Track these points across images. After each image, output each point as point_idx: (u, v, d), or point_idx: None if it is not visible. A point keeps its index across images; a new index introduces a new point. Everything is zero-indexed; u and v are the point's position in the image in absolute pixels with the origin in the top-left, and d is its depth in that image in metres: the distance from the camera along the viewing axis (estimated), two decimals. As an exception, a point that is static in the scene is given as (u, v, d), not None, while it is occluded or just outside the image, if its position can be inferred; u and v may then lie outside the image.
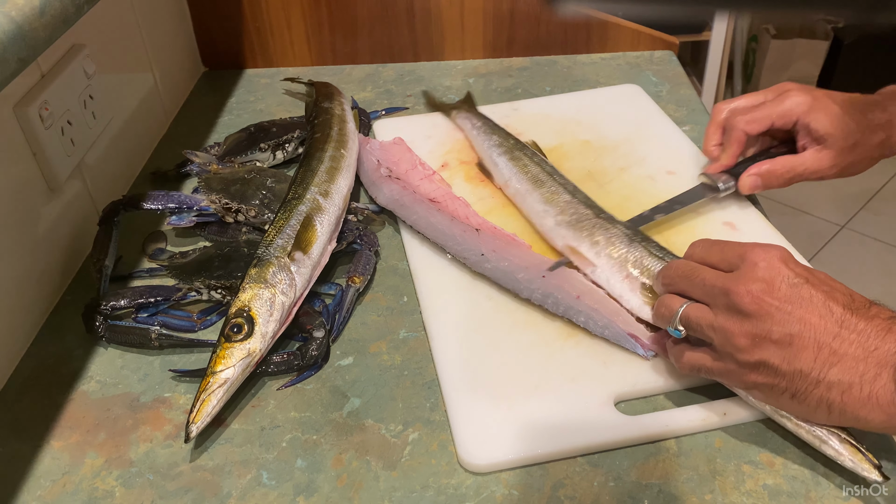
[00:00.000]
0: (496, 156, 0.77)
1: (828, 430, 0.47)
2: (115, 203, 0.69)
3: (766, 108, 0.69)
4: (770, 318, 0.46)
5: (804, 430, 0.48)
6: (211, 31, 1.03)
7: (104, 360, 0.60)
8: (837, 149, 0.66)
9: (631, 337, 0.56)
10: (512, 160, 0.75)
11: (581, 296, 0.59)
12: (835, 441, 0.47)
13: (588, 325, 0.58)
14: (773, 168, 0.69)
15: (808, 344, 0.45)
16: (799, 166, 0.68)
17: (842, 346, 0.45)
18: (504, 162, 0.76)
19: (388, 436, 0.53)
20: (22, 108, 0.62)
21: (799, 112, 0.67)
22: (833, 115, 0.66)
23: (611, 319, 0.57)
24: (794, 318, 0.46)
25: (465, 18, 1.02)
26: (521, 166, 0.74)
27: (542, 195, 0.70)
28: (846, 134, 0.66)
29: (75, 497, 0.50)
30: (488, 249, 0.64)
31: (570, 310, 0.59)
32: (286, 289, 0.58)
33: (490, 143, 0.79)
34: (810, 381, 0.45)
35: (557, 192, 0.70)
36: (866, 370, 0.44)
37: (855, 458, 0.46)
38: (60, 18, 0.54)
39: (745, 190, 0.70)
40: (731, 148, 0.70)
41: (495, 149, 0.78)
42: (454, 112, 0.89)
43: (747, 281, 0.47)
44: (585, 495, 0.48)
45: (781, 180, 0.69)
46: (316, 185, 0.68)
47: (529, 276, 0.61)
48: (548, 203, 0.69)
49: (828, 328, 0.45)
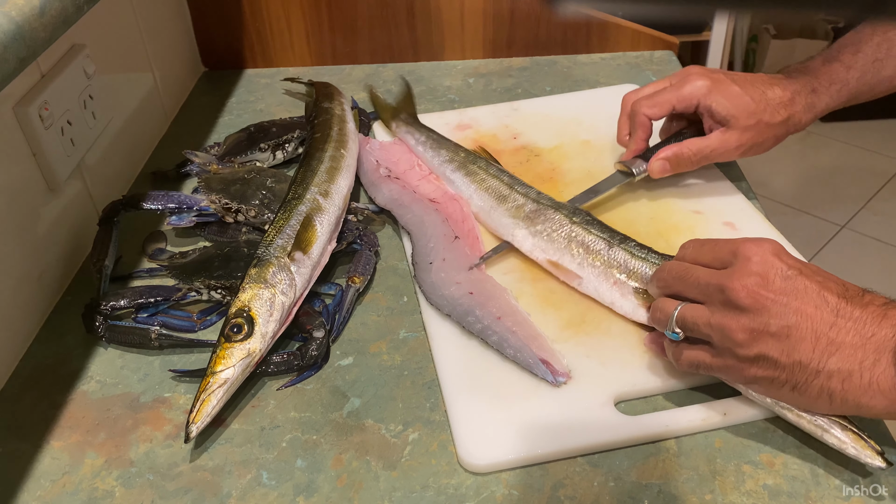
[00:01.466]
0: (449, 172, 0.74)
1: (829, 419, 0.47)
2: (115, 203, 0.69)
3: (667, 93, 0.71)
4: (766, 311, 0.46)
5: (805, 421, 0.48)
6: (211, 31, 1.03)
7: (104, 360, 0.60)
8: (740, 128, 0.68)
9: (543, 363, 0.54)
10: (467, 175, 0.73)
11: (502, 317, 0.58)
12: (837, 430, 0.47)
13: (500, 348, 0.56)
14: (680, 151, 0.70)
15: (806, 335, 0.45)
16: (705, 148, 0.70)
17: (839, 334, 0.45)
18: (460, 178, 0.73)
19: (388, 436, 0.53)
20: (22, 108, 0.62)
21: (699, 95, 0.69)
22: (732, 95, 0.68)
23: (525, 343, 0.56)
24: (791, 310, 0.46)
25: (465, 18, 1.02)
26: (479, 181, 0.71)
27: (508, 210, 0.68)
28: (747, 114, 0.68)
29: (75, 497, 0.50)
30: (438, 258, 0.64)
31: (486, 330, 0.57)
32: (286, 289, 0.58)
33: (440, 158, 0.76)
34: (810, 371, 0.45)
35: (523, 204, 0.68)
36: (865, 357, 0.44)
37: (858, 446, 0.47)
38: (60, 18, 0.54)
39: (655, 174, 0.72)
40: (637, 132, 0.72)
41: (447, 165, 0.75)
42: (394, 124, 0.84)
43: (741, 276, 0.47)
44: (585, 495, 0.48)
45: (689, 162, 0.71)
46: (316, 185, 0.68)
47: (458, 292, 0.60)
48: (515, 217, 0.67)
49: (824, 318, 0.45)
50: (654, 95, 0.72)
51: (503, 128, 0.87)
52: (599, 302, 0.61)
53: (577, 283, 0.62)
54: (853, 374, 0.44)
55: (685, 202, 0.73)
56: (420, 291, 0.63)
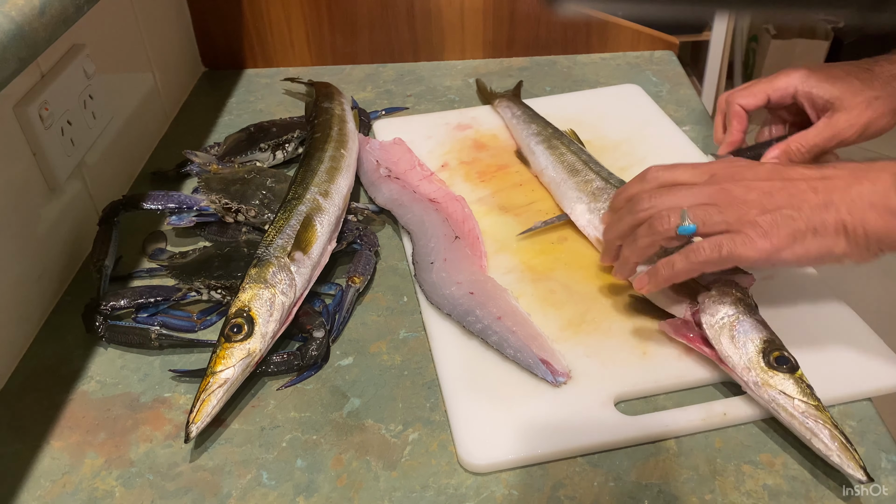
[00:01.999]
0: (534, 144, 0.78)
1: (820, 422, 0.47)
2: (115, 203, 0.69)
3: (761, 83, 0.69)
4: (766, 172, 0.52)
5: (797, 423, 0.48)
6: (211, 31, 1.03)
7: (104, 360, 0.60)
8: (847, 109, 0.64)
9: (543, 363, 0.54)
10: (549, 149, 0.76)
11: (503, 317, 0.58)
12: (825, 435, 0.47)
13: (500, 348, 0.56)
14: (790, 146, 0.66)
15: (804, 187, 0.50)
16: (814, 137, 0.65)
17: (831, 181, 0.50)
18: (542, 150, 0.77)
19: (388, 436, 0.53)
20: (22, 108, 0.62)
21: (796, 83, 0.66)
22: (833, 77, 0.64)
23: (525, 343, 0.56)
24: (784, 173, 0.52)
25: (465, 18, 1.02)
26: (558, 155, 0.75)
27: (577, 183, 0.71)
28: (853, 92, 0.64)
29: (75, 497, 0.50)
30: (439, 258, 0.64)
31: (486, 329, 0.57)
32: (286, 289, 0.58)
33: (529, 131, 0.80)
34: (820, 206, 0.49)
35: (592, 180, 0.70)
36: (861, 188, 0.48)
37: (843, 456, 0.46)
38: (60, 18, 0.54)
39: None
40: (733, 124, 0.70)
41: (533, 137, 0.79)
42: (497, 101, 0.90)
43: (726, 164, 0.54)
44: (585, 495, 0.48)
45: (801, 156, 0.66)
46: (316, 185, 0.68)
47: (459, 291, 0.60)
48: (581, 191, 0.70)
49: (812, 174, 0.51)
50: (748, 86, 0.69)
51: (503, 128, 0.87)
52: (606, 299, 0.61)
53: None
54: (855, 201, 0.48)
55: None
56: (420, 291, 0.63)
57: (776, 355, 0.50)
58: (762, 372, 0.50)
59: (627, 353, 0.57)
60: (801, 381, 0.49)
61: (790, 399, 0.48)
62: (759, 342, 0.51)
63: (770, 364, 0.50)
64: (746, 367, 0.50)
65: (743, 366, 0.51)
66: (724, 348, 0.52)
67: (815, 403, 0.48)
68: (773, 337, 0.52)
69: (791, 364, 0.50)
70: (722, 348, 0.52)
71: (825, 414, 0.48)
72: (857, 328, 0.58)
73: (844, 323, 0.58)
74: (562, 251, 0.67)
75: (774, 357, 0.50)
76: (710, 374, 0.55)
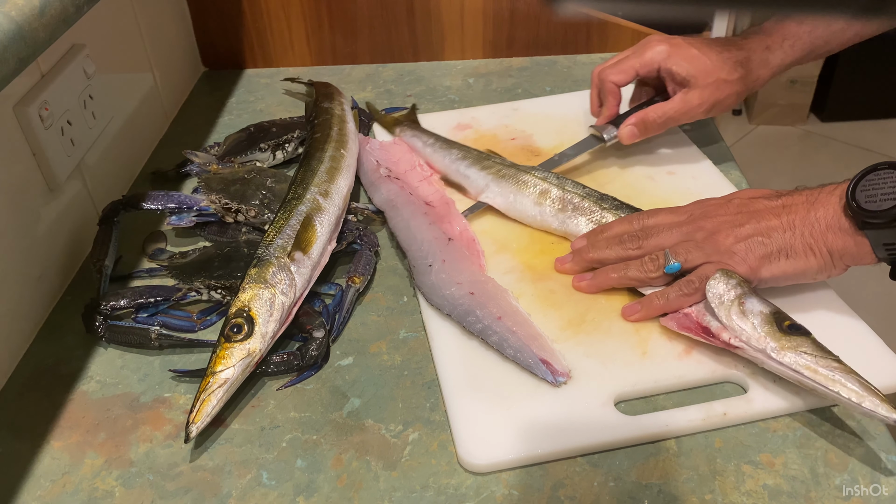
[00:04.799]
0: (464, 168, 0.75)
1: (847, 373, 0.48)
2: (115, 203, 0.69)
3: (630, 60, 0.75)
4: (732, 205, 0.59)
5: (823, 377, 0.48)
6: (211, 31, 1.03)
7: (104, 360, 0.60)
8: (700, 87, 0.72)
9: (543, 363, 0.54)
10: (483, 169, 0.74)
11: (503, 317, 0.58)
12: (856, 384, 0.47)
13: (500, 348, 0.56)
14: (646, 115, 0.74)
15: (769, 214, 0.56)
16: (670, 110, 0.73)
17: (791, 209, 0.56)
18: (475, 172, 0.74)
19: (388, 436, 0.53)
20: (22, 108, 0.62)
21: (659, 59, 0.74)
22: (691, 57, 0.72)
23: (525, 343, 0.56)
24: (747, 204, 0.58)
25: (465, 18, 1.02)
26: (496, 172, 0.73)
27: (530, 196, 0.70)
28: (705, 73, 0.71)
29: (75, 497, 0.50)
30: (437, 260, 0.64)
31: (486, 329, 0.57)
32: (286, 289, 0.58)
33: (452, 157, 0.77)
34: (788, 229, 0.55)
35: (547, 189, 0.70)
36: (816, 213, 0.54)
37: (876, 399, 0.46)
38: (60, 18, 0.54)
39: (625, 139, 0.75)
40: (608, 99, 0.77)
41: (461, 162, 0.76)
42: (398, 129, 0.86)
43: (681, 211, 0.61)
44: (585, 495, 0.48)
45: (656, 125, 0.74)
46: (316, 185, 0.68)
47: (459, 292, 0.60)
48: (539, 205, 0.69)
49: (774, 204, 0.57)
50: (618, 63, 0.76)
51: (503, 128, 0.87)
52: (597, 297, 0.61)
53: None
54: (814, 224, 0.54)
55: (684, 202, 0.72)
56: (420, 293, 0.63)
57: (788, 323, 0.52)
58: (781, 338, 0.51)
59: (627, 353, 0.57)
60: (816, 342, 0.50)
61: (814, 357, 0.49)
62: (770, 314, 0.52)
63: (785, 330, 0.51)
64: (763, 336, 0.51)
65: (759, 335, 0.51)
66: (737, 323, 0.53)
67: (835, 357, 0.49)
68: (779, 309, 0.53)
69: (804, 329, 0.51)
70: (734, 324, 0.53)
71: (848, 366, 0.48)
72: (857, 328, 0.58)
73: (844, 323, 0.58)
74: (562, 251, 0.67)
75: (787, 325, 0.51)
76: (710, 374, 0.55)
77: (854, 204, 0.52)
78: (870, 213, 0.51)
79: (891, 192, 0.50)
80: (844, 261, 0.54)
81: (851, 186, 0.52)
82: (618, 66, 0.76)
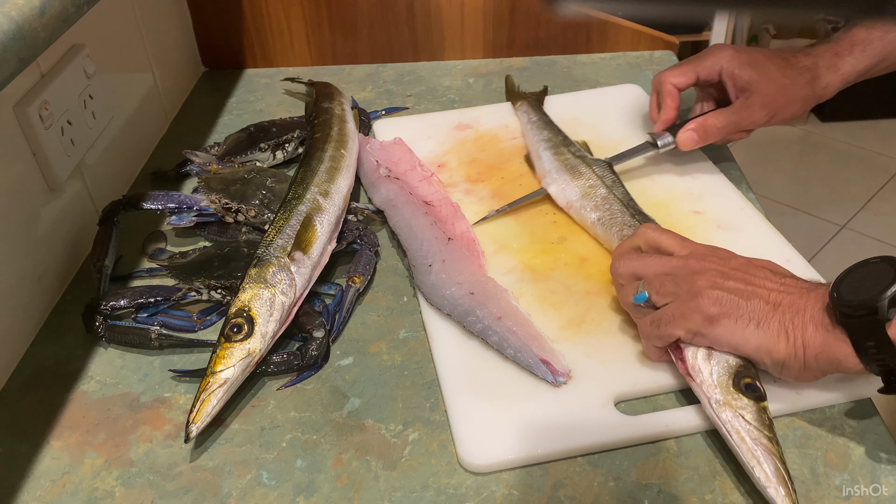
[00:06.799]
0: (542, 150, 0.78)
1: (769, 453, 0.46)
2: (115, 203, 0.69)
3: (691, 63, 0.74)
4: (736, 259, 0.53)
5: (746, 447, 0.47)
6: (211, 31, 1.03)
7: (104, 360, 0.60)
8: (763, 93, 0.69)
9: (543, 363, 0.54)
10: (555, 155, 0.76)
11: (503, 317, 0.58)
12: (770, 468, 0.45)
13: (501, 348, 0.56)
14: (706, 121, 0.72)
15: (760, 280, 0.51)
16: (731, 115, 0.71)
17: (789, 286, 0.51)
18: (548, 156, 0.77)
19: (388, 436, 0.53)
20: (22, 107, 0.62)
21: (722, 63, 0.71)
22: (755, 62, 0.70)
23: (525, 343, 0.56)
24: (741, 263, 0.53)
25: (465, 18, 1.02)
26: (563, 161, 0.75)
27: (580, 187, 0.71)
28: (769, 78, 0.69)
29: (75, 497, 0.50)
30: (438, 260, 0.64)
31: (486, 329, 0.57)
32: (286, 289, 0.58)
33: (539, 137, 0.80)
34: (768, 303, 0.49)
35: (595, 185, 0.70)
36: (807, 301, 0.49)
37: (781, 489, 0.45)
38: (60, 18, 0.54)
39: (684, 145, 0.74)
40: (666, 102, 0.75)
41: (542, 143, 0.79)
42: (517, 103, 0.90)
43: (690, 246, 0.55)
44: (585, 495, 0.48)
45: (717, 131, 0.72)
46: (316, 185, 0.68)
47: (459, 292, 0.60)
48: (585, 198, 0.70)
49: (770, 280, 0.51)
50: (679, 66, 0.75)
51: (503, 128, 0.87)
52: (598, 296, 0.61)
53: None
54: (801, 311, 0.48)
55: (684, 202, 0.73)
56: (420, 293, 0.63)
57: (747, 381, 0.50)
58: (729, 393, 0.49)
59: (627, 353, 0.57)
60: (763, 412, 0.48)
61: (747, 425, 0.48)
62: (734, 366, 0.51)
63: (740, 388, 0.49)
64: (714, 385, 0.50)
65: (711, 383, 0.50)
66: (699, 363, 0.51)
67: (769, 435, 0.47)
68: (749, 365, 0.51)
69: (759, 393, 0.49)
70: (696, 363, 0.51)
71: (777, 448, 0.47)
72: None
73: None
74: (562, 251, 0.67)
75: (745, 383, 0.50)
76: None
77: (835, 294, 0.46)
78: (846, 303, 0.45)
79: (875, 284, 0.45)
80: (820, 361, 0.47)
81: (839, 278, 0.48)
82: (678, 68, 0.74)
